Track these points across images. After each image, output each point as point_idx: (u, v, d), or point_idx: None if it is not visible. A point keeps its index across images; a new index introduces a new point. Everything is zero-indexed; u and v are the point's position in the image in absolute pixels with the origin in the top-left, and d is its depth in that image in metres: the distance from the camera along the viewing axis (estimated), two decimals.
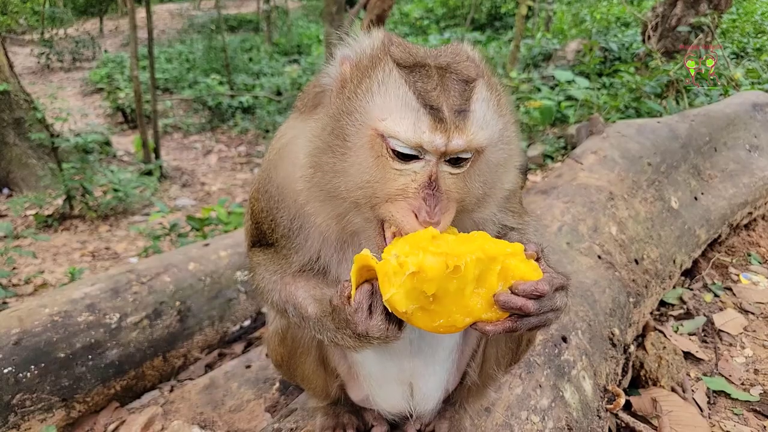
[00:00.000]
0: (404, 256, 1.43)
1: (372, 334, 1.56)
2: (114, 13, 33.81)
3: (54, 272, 7.20)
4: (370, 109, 1.54)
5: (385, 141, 1.51)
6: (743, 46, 12.98)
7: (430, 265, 1.40)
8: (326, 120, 1.63)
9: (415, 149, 1.49)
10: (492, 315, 1.51)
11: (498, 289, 1.49)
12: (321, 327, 1.78)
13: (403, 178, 1.52)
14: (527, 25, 20.45)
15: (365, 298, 1.55)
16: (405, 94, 1.50)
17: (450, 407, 2.36)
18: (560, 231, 3.88)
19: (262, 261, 2.06)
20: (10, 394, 3.30)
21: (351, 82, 1.60)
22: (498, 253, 1.48)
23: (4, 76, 10.37)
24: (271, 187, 1.94)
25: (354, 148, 1.56)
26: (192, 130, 17.60)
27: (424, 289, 1.41)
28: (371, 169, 1.55)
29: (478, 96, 1.55)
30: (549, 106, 10.28)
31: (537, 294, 1.48)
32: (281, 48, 25.99)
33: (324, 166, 1.61)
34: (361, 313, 1.55)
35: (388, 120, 1.50)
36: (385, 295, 1.44)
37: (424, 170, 1.52)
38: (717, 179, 5.30)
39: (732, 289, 4.73)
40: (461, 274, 1.42)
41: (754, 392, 3.55)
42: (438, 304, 1.46)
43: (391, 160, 1.52)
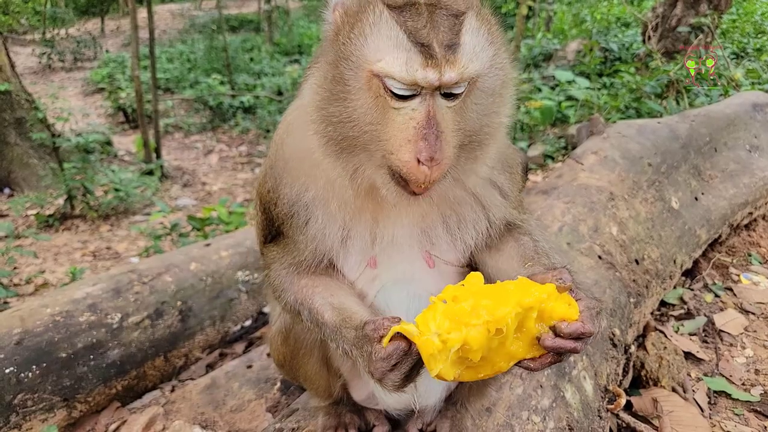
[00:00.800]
0: (446, 333, 1.44)
1: (385, 384, 1.59)
2: (115, 13, 33.82)
3: (55, 272, 7.21)
4: (364, 51, 1.56)
5: (381, 81, 1.54)
6: (743, 46, 12.97)
7: (473, 337, 1.42)
8: (326, 68, 1.66)
9: (410, 87, 1.52)
10: (534, 353, 1.54)
11: (536, 329, 1.51)
12: (337, 336, 1.79)
13: (401, 117, 1.55)
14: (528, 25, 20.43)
15: (396, 356, 1.55)
16: (396, 35, 1.53)
17: (451, 407, 2.37)
18: (561, 231, 3.88)
19: (275, 256, 2.07)
20: (11, 394, 3.31)
21: (344, 28, 1.62)
22: (535, 302, 1.49)
23: (6, 75, 10.38)
24: (278, 163, 1.97)
25: (354, 92, 1.59)
26: (193, 129, 17.60)
27: (470, 357, 1.44)
28: (372, 111, 1.58)
29: (467, 28, 1.58)
30: (549, 106, 10.28)
31: (584, 336, 1.50)
32: (282, 48, 25.98)
33: (331, 117, 1.64)
34: (386, 364, 1.56)
35: (382, 61, 1.52)
36: (433, 371, 1.46)
37: (421, 106, 1.54)
38: (717, 179, 5.30)
39: (732, 290, 4.73)
40: (503, 334, 1.45)
41: (754, 392, 3.55)
42: (482, 361, 1.49)
43: (389, 99, 1.55)
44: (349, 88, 1.60)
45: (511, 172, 2.03)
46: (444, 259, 1.99)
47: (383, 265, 1.94)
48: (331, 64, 1.64)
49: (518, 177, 2.10)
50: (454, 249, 1.98)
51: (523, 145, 9.75)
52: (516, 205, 2.06)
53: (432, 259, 1.96)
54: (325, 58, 1.69)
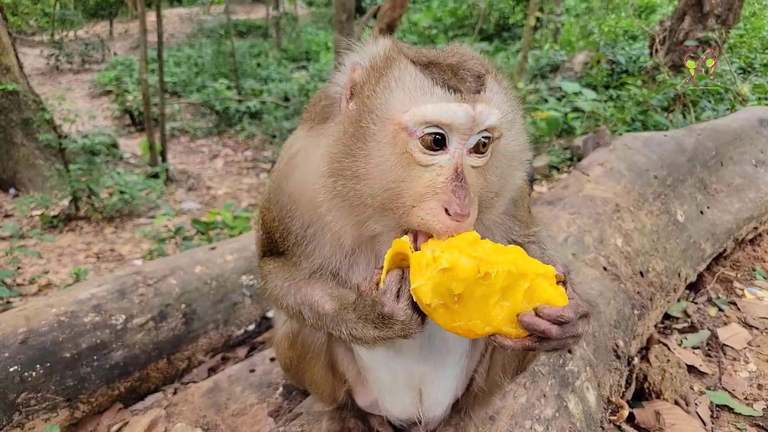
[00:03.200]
0: (440, 251, 1.45)
1: (397, 316, 1.57)
2: (124, 16, 33.93)
3: (58, 273, 7.23)
4: (391, 104, 1.56)
5: (409, 134, 1.53)
6: (750, 61, 12.98)
7: (462, 265, 1.43)
8: (345, 124, 1.64)
9: (443, 126, 1.52)
10: (512, 331, 1.52)
11: (522, 306, 1.51)
12: (339, 320, 1.78)
13: (428, 174, 1.54)
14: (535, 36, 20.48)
15: (395, 282, 1.57)
16: (423, 83, 1.55)
17: (455, 414, 2.37)
18: (566, 242, 3.88)
19: (273, 269, 2.06)
20: (15, 393, 3.31)
21: (369, 83, 1.61)
22: (529, 270, 1.50)
23: (14, 76, 10.43)
24: (282, 197, 1.94)
25: (377, 148, 1.57)
26: (199, 133, 17.67)
27: (452, 287, 1.43)
28: (395, 168, 1.56)
29: (489, 86, 1.60)
30: (556, 117, 10.29)
31: (561, 320, 1.49)
32: (289, 54, 26.07)
33: (345, 172, 1.61)
34: (390, 294, 1.57)
35: (411, 109, 1.52)
36: (414, 284, 1.47)
37: (449, 163, 1.53)
38: (723, 194, 5.30)
39: (736, 304, 4.72)
40: (490, 282, 1.44)
41: (757, 407, 3.54)
42: (461, 305, 1.47)
43: (416, 152, 1.53)
44: (371, 144, 1.58)
45: (516, 206, 2.03)
46: None
47: None
48: (351, 120, 1.62)
49: (525, 206, 2.10)
50: None
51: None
52: (524, 226, 2.06)
53: None
54: (343, 116, 1.67)
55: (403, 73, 1.58)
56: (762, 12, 17.32)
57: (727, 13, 10.63)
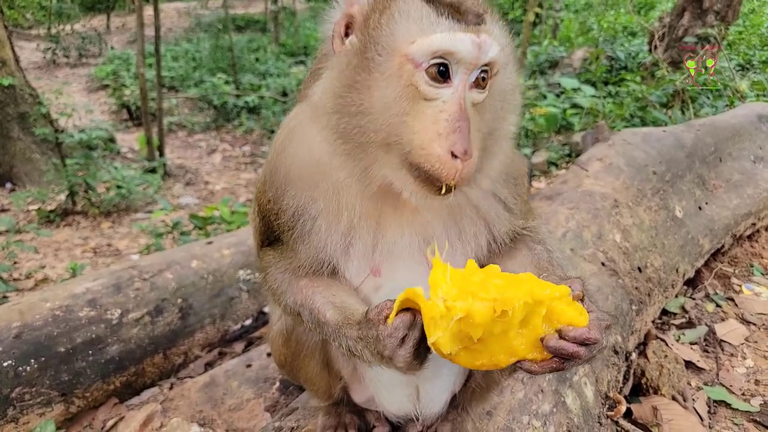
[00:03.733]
0: (452, 300, 1.40)
1: (396, 361, 1.54)
2: (121, 10, 33.87)
3: (55, 267, 7.20)
4: (397, 35, 1.55)
5: (415, 65, 1.53)
6: (749, 58, 12.97)
7: (478, 310, 1.39)
8: (348, 58, 1.63)
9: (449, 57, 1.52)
10: (536, 355, 1.49)
11: (542, 329, 1.48)
12: (341, 335, 1.75)
13: (432, 109, 1.53)
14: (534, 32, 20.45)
15: (402, 328, 1.52)
16: (429, 14, 1.55)
17: (452, 410, 2.35)
18: (564, 237, 3.87)
19: (272, 261, 2.03)
20: (9, 388, 3.30)
21: (373, 15, 1.61)
22: (545, 297, 1.46)
23: (10, 70, 10.37)
24: (278, 174, 1.91)
25: (381, 80, 1.56)
26: (197, 128, 17.61)
27: (471, 333, 1.40)
28: (399, 101, 1.55)
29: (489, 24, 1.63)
30: (554, 113, 10.28)
31: (588, 342, 1.46)
32: (288, 49, 26.01)
33: (349, 107, 1.60)
34: (394, 339, 1.53)
35: (417, 40, 1.52)
36: (431, 338, 1.42)
37: (452, 98, 1.53)
38: (721, 189, 5.30)
39: (734, 300, 4.72)
40: (508, 318, 1.41)
41: (754, 403, 3.53)
42: (482, 344, 1.45)
43: (421, 84, 1.53)
44: (377, 76, 1.57)
45: (516, 183, 1.99)
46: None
47: (386, 274, 1.91)
48: (356, 52, 1.61)
49: (524, 188, 2.08)
50: (455, 257, 1.95)
51: (527, 151, 9.75)
52: (523, 215, 2.04)
53: None
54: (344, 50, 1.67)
55: (409, 5, 1.58)
56: (761, 9, 17.34)
57: (727, 10, 10.62)
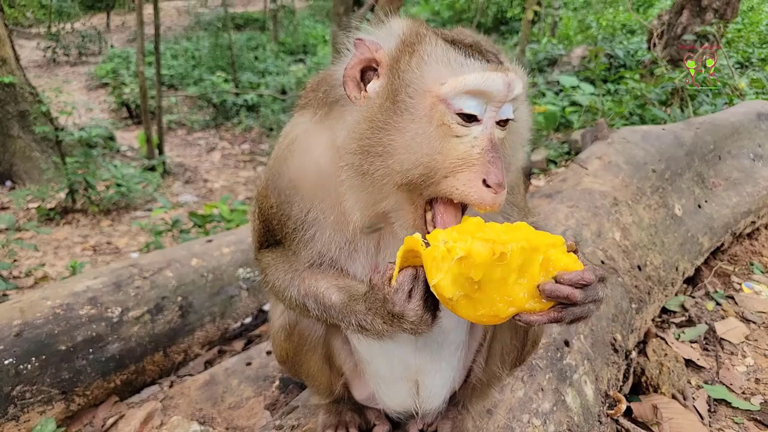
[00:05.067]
0: (452, 241, 1.44)
1: (408, 316, 1.57)
2: (121, 9, 33.82)
3: (55, 265, 7.20)
4: (427, 77, 1.59)
5: (447, 105, 1.56)
6: (748, 56, 12.98)
7: (477, 250, 1.42)
8: (377, 101, 1.65)
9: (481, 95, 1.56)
10: (535, 305, 1.51)
11: (540, 279, 1.50)
12: (348, 312, 1.77)
13: (463, 146, 1.57)
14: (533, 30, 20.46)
15: (407, 281, 1.57)
16: (457, 56, 1.60)
17: (453, 408, 2.36)
18: (564, 235, 3.86)
19: (272, 261, 2.05)
20: (10, 386, 3.30)
21: (403, 58, 1.63)
22: (541, 243, 1.50)
23: (11, 68, 10.37)
24: (281, 182, 1.93)
25: (412, 121, 1.59)
26: (196, 126, 17.62)
27: (471, 274, 1.42)
28: (431, 141, 1.58)
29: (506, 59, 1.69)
30: (553, 112, 10.29)
31: (583, 283, 1.49)
32: (287, 47, 26.02)
33: (375, 148, 1.62)
34: (402, 293, 1.57)
35: (449, 80, 1.56)
36: (432, 280, 1.45)
37: (483, 134, 1.57)
38: (721, 187, 5.30)
39: (734, 298, 4.72)
40: (506, 262, 1.43)
41: (754, 401, 3.54)
42: (482, 292, 1.46)
43: (453, 124, 1.56)
44: (408, 117, 1.59)
45: (513, 193, 2.03)
46: None
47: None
48: (386, 94, 1.63)
49: (521, 195, 2.12)
50: None
51: (526, 149, 9.72)
52: (522, 216, 2.05)
53: None
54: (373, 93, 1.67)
55: (436, 47, 1.62)
56: (760, 6, 17.34)
57: (725, 8, 10.61)
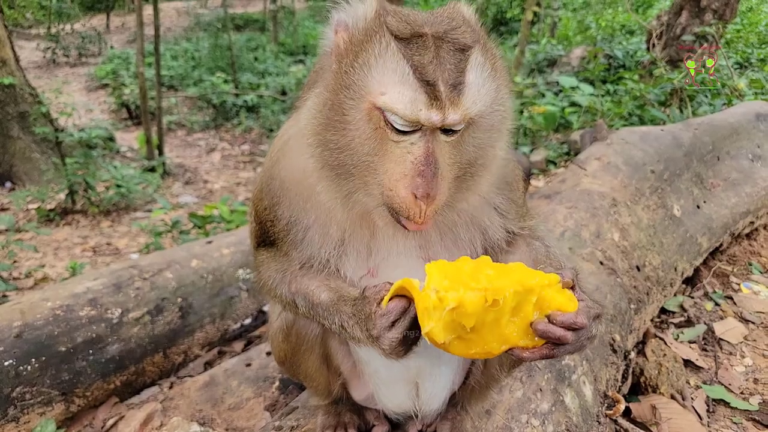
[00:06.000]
0: (444, 291, 1.44)
1: (382, 343, 1.59)
2: (121, 10, 33.81)
3: (55, 266, 7.20)
4: (367, 82, 1.56)
5: (382, 114, 1.54)
6: (747, 56, 12.99)
7: (469, 300, 1.42)
8: (325, 95, 1.66)
9: (412, 124, 1.53)
10: (528, 342, 1.53)
11: (534, 317, 1.51)
12: (335, 311, 1.79)
13: (399, 150, 1.56)
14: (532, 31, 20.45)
15: (396, 312, 1.57)
16: (402, 69, 1.53)
17: (452, 408, 2.36)
18: (563, 236, 3.88)
19: (266, 259, 2.08)
20: (10, 387, 3.30)
21: (347, 56, 1.61)
22: (535, 285, 1.49)
23: (10, 69, 10.36)
24: (273, 184, 1.96)
25: (353, 122, 1.60)
26: (196, 127, 17.61)
27: (463, 322, 1.44)
28: (370, 141, 1.59)
29: (473, 64, 1.58)
30: (553, 112, 10.29)
31: (575, 327, 1.49)
32: (287, 48, 26.00)
33: (329, 143, 1.64)
34: (385, 320, 1.58)
35: (386, 95, 1.52)
36: (425, 328, 1.46)
37: (420, 141, 1.55)
38: (719, 188, 5.30)
39: (733, 298, 4.73)
40: (498, 307, 1.45)
41: (753, 401, 3.54)
42: (475, 333, 1.48)
43: (389, 132, 1.56)
44: (348, 118, 1.60)
45: (510, 189, 2.02)
46: None
47: (383, 275, 1.94)
48: (331, 91, 1.64)
49: (519, 192, 2.10)
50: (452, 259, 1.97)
51: (525, 150, 9.76)
52: (520, 217, 2.05)
53: None
54: (324, 84, 1.68)
55: (383, 51, 1.56)
56: (759, 7, 17.35)
57: (724, 8, 10.63)
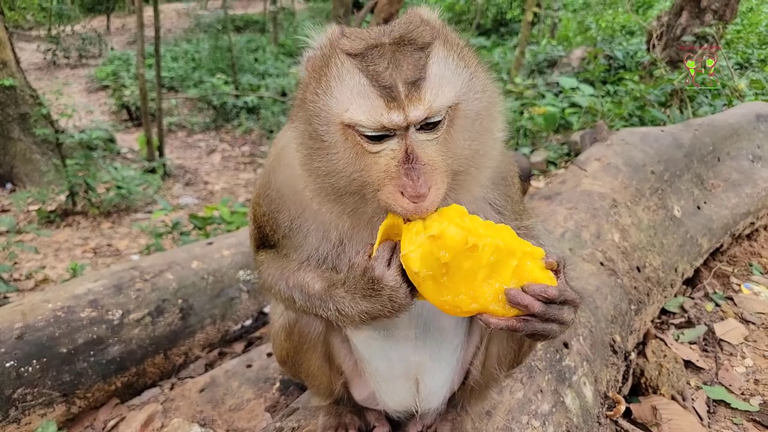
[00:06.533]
0: (430, 221, 1.51)
1: (386, 280, 1.61)
2: (121, 11, 33.86)
3: (55, 268, 7.21)
4: (332, 104, 1.59)
5: (354, 129, 1.56)
6: (748, 57, 12.98)
7: (451, 234, 1.47)
8: (302, 127, 1.70)
9: (380, 131, 1.54)
10: (499, 309, 1.55)
11: (510, 284, 1.53)
12: (327, 297, 1.81)
13: (383, 159, 1.57)
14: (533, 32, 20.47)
15: (386, 250, 1.63)
16: (359, 82, 1.55)
17: (452, 409, 2.37)
18: (563, 237, 3.88)
19: (266, 259, 2.12)
20: (11, 388, 3.31)
21: (311, 84, 1.66)
22: (517, 248, 1.53)
23: (11, 71, 10.39)
24: (271, 191, 2.00)
25: (333, 146, 1.62)
26: (196, 128, 17.62)
27: (440, 256, 1.47)
28: (354, 160, 1.61)
29: (434, 59, 1.58)
30: (553, 113, 10.28)
31: (545, 297, 1.51)
32: (287, 49, 25.97)
33: (317, 171, 1.68)
34: (381, 260, 1.62)
35: (349, 110, 1.55)
36: (404, 250, 1.51)
37: (399, 146, 1.55)
38: (720, 189, 5.30)
39: (733, 299, 4.72)
40: (477, 254, 1.48)
41: (753, 402, 3.54)
42: (449, 278, 1.51)
43: (365, 144, 1.57)
44: (327, 143, 1.63)
45: (505, 185, 2.03)
46: None
47: None
48: (305, 122, 1.68)
49: (516, 188, 2.11)
50: None
51: (526, 151, 9.76)
52: (517, 215, 2.07)
53: None
54: (299, 117, 1.72)
55: (340, 70, 1.59)
56: (759, 7, 17.34)
57: (725, 9, 10.63)
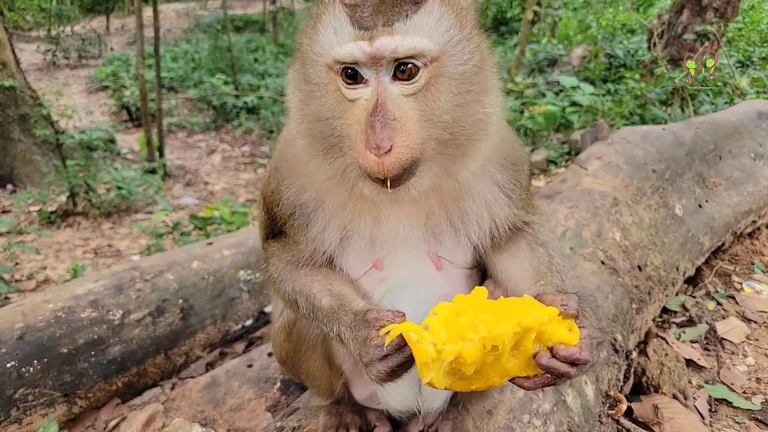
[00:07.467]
0: (441, 343, 1.44)
1: (370, 371, 1.62)
2: (121, 12, 33.86)
3: (56, 268, 7.21)
4: (320, 47, 1.62)
5: (333, 72, 1.58)
6: (749, 55, 12.98)
7: (468, 351, 1.42)
8: (299, 69, 1.73)
9: (351, 64, 1.54)
10: (529, 371, 1.54)
11: (533, 349, 1.51)
12: (334, 319, 1.80)
13: (357, 109, 1.56)
14: (533, 30, 20.46)
15: (391, 349, 1.57)
16: (343, 22, 1.56)
17: (453, 408, 2.36)
18: (564, 236, 3.87)
19: (275, 251, 2.10)
20: (12, 389, 3.31)
21: (307, 29, 1.69)
22: (534, 323, 1.49)
23: (11, 72, 10.38)
24: (281, 164, 2.00)
25: (320, 89, 1.65)
26: (196, 129, 17.62)
27: (464, 370, 1.45)
28: (336, 106, 1.62)
29: (425, 10, 1.56)
30: (553, 112, 10.28)
31: (578, 362, 1.49)
32: (287, 49, 25.98)
33: (308, 116, 1.70)
34: (379, 352, 1.58)
35: (333, 49, 1.56)
36: (425, 379, 1.46)
37: (372, 96, 1.54)
38: (721, 187, 5.29)
39: (735, 298, 4.72)
40: (499, 351, 1.45)
41: (755, 401, 3.54)
42: (476, 373, 1.49)
43: (343, 89, 1.58)
44: (316, 86, 1.65)
45: (515, 170, 2.00)
46: (451, 260, 1.98)
47: (389, 267, 1.94)
48: (300, 65, 1.71)
49: (525, 175, 2.09)
50: (459, 245, 1.96)
51: (526, 149, 9.74)
52: (523, 205, 2.05)
53: (440, 261, 1.95)
54: (297, 60, 1.75)
55: (331, 17, 1.60)
56: (760, 5, 17.32)
57: (726, 7, 10.62)
